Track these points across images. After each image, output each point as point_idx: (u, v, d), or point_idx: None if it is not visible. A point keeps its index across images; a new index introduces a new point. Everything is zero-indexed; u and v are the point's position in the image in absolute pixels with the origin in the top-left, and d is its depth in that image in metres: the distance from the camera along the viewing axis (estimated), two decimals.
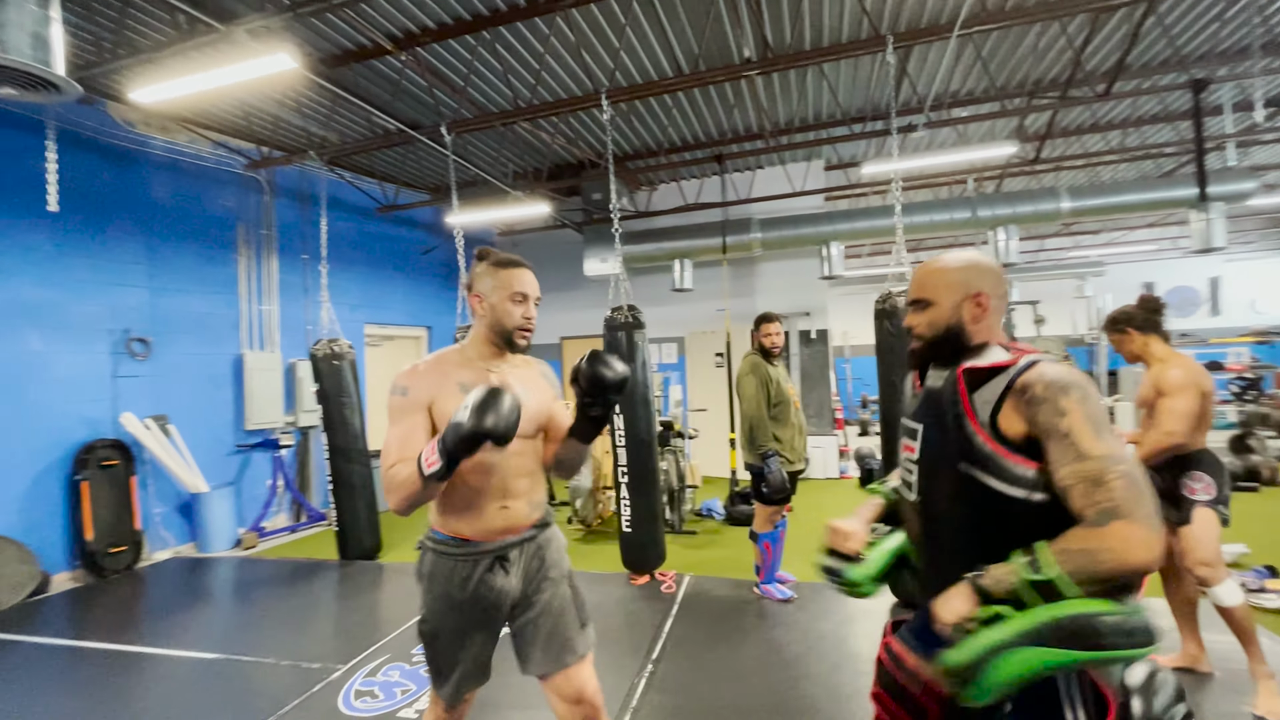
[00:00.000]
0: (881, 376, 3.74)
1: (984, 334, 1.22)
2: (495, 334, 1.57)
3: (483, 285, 1.56)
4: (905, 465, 1.32)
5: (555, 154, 7.11)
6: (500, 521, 1.57)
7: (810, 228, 7.11)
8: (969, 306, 1.22)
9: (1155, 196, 6.34)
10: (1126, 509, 0.94)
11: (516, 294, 1.55)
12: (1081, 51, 4.81)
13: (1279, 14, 4.83)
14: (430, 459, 1.33)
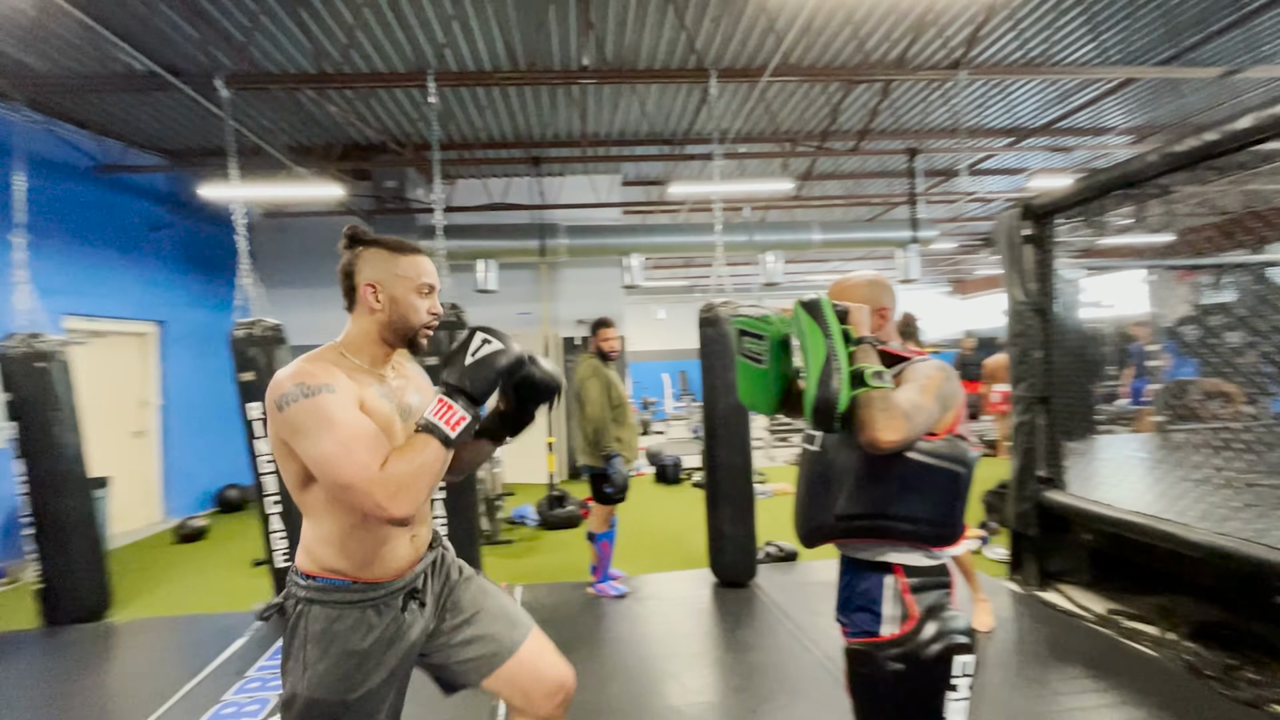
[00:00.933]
0: (705, 380, 4.10)
1: (884, 338, 1.49)
2: (393, 331, 1.32)
3: (377, 273, 1.29)
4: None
5: (342, 131, 6.33)
6: (411, 552, 1.37)
7: (614, 238, 7.46)
8: (874, 318, 1.47)
9: (880, 235, 8.04)
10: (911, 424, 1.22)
11: (424, 285, 1.33)
12: (836, 113, 5.90)
13: (964, 105, 6.51)
14: (453, 415, 1.17)
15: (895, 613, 1.33)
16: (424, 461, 1.15)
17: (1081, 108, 6.58)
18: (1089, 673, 2.78)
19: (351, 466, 1.12)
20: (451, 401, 1.18)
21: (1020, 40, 5.02)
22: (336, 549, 1.27)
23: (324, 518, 1.26)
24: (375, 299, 1.29)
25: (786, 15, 4.24)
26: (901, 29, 4.73)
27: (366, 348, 1.32)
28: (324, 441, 1.13)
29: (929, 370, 1.35)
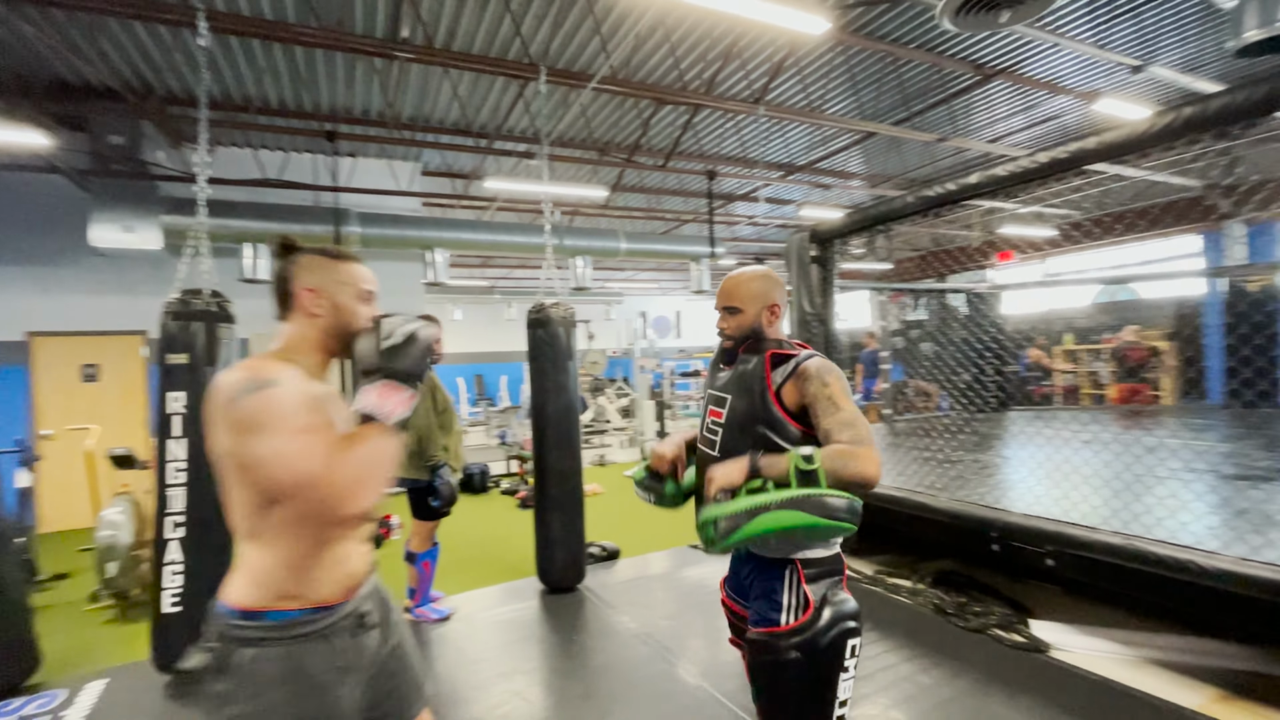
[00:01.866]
0: (534, 380, 4.00)
1: (775, 333, 1.56)
2: (335, 337, 1.30)
3: (317, 278, 1.28)
4: (710, 427, 1.58)
5: (45, 65, 4.87)
6: (362, 569, 1.29)
7: (416, 230, 6.89)
8: (766, 314, 1.55)
9: (682, 249, 8.64)
10: (869, 441, 1.30)
11: (365, 291, 1.33)
12: (647, 127, 6.23)
13: (752, 138, 7.32)
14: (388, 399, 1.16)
15: (794, 602, 1.40)
16: (377, 450, 1.13)
17: (836, 152, 7.88)
18: (866, 623, 3.31)
19: (310, 458, 1.08)
20: (385, 386, 1.17)
21: (804, 88, 5.85)
22: (297, 574, 1.17)
23: (285, 541, 1.16)
24: (316, 304, 1.28)
25: (610, 24, 4.34)
26: (713, 54, 5.17)
27: (306, 355, 1.28)
28: (279, 436, 1.08)
29: (824, 376, 1.41)
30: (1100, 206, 10.21)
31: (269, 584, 1.16)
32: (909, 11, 4.85)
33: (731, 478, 1.33)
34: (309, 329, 1.28)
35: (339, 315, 1.29)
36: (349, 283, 1.30)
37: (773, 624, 1.40)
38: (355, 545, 1.28)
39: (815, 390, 1.39)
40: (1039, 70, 5.96)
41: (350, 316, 1.30)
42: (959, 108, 6.63)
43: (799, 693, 1.38)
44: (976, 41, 5.46)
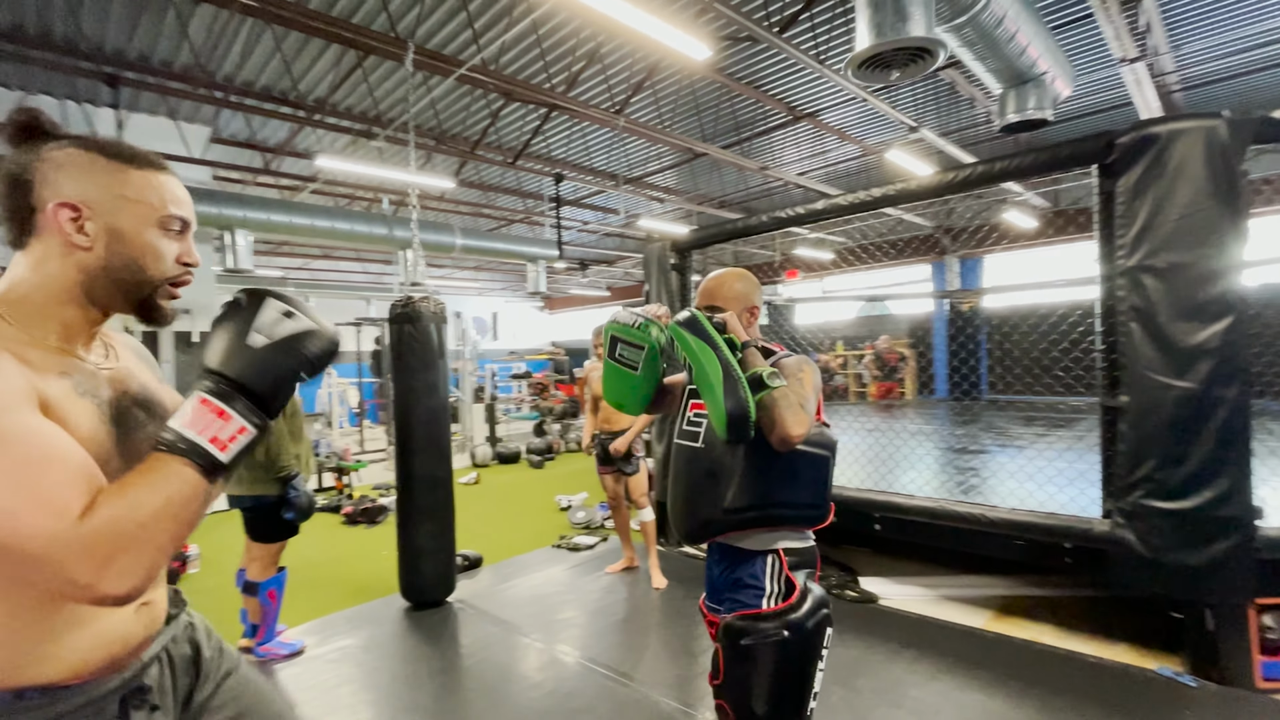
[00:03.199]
0: (398, 380, 3.69)
1: (753, 334, 1.57)
2: (112, 285, 0.85)
3: (87, 190, 0.82)
4: (694, 420, 1.57)
5: None
6: (138, 628, 0.89)
7: (214, 206, 5.83)
8: (745, 315, 1.55)
9: (522, 249, 8.48)
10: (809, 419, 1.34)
11: (172, 217, 0.87)
12: (496, 119, 6.07)
13: (596, 143, 7.50)
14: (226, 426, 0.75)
15: (777, 588, 1.41)
16: (166, 500, 0.72)
17: (668, 168, 8.45)
18: None
19: (30, 519, 0.66)
20: (222, 404, 0.77)
21: (657, 106, 6.20)
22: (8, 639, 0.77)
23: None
24: (80, 230, 0.82)
25: (491, 15, 4.19)
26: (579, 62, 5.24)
27: (50, 311, 0.83)
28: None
29: (800, 365, 1.46)
30: (865, 236, 12.36)
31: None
32: (745, 51, 5.45)
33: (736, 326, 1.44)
34: (62, 268, 0.83)
35: (121, 250, 0.84)
36: (144, 201, 0.85)
37: (754, 608, 1.39)
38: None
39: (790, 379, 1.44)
40: (836, 119, 7.09)
41: (143, 253, 0.85)
42: (776, 141, 7.58)
43: (779, 677, 1.36)
44: (792, 87, 6.31)
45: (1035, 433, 6.69)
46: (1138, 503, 2.66)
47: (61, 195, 0.81)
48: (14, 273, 0.83)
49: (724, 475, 1.45)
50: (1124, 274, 2.70)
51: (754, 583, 1.43)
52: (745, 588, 1.43)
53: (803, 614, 1.38)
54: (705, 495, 1.48)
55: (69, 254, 0.82)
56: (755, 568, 1.44)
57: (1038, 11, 3.56)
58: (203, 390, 0.77)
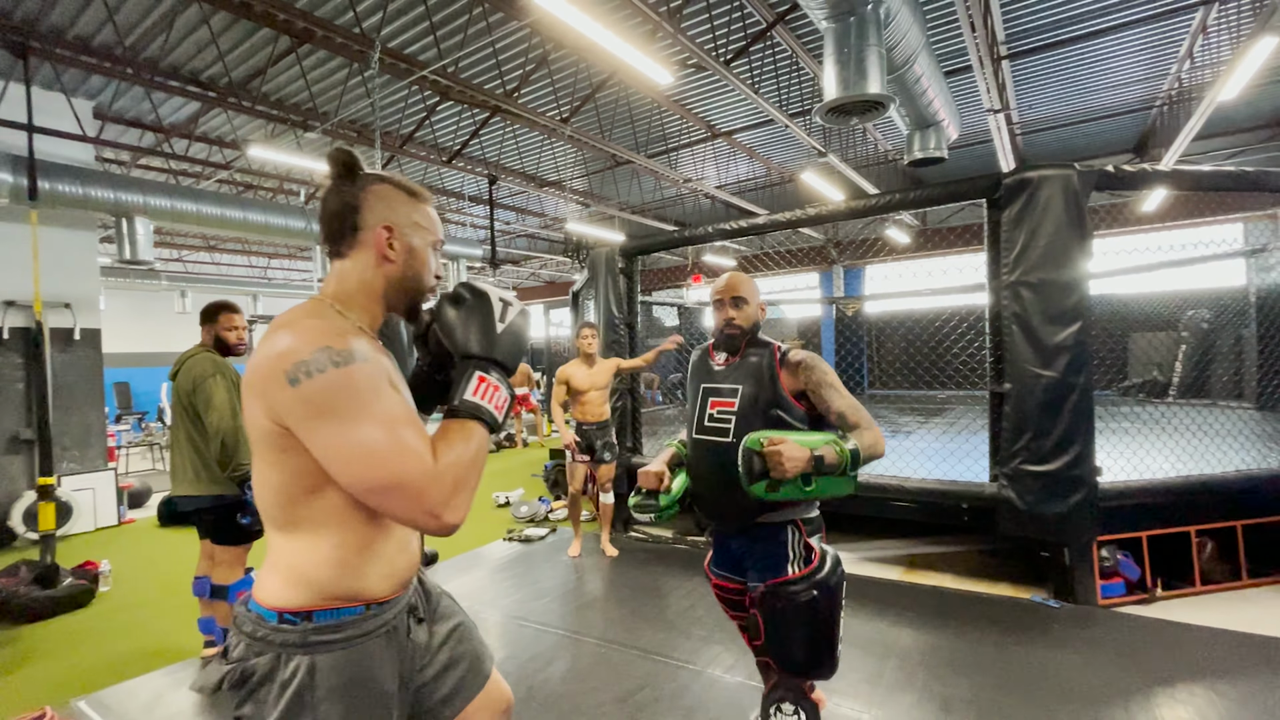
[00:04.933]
0: None
1: (757, 330, 1.83)
2: (403, 291, 1.07)
3: (396, 216, 1.05)
4: (718, 417, 1.76)
5: None
6: (410, 559, 1.11)
7: (109, 191, 5.31)
8: (759, 312, 1.82)
9: (451, 249, 8.34)
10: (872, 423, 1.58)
11: (439, 240, 1.13)
12: (431, 113, 6.05)
13: (529, 148, 7.59)
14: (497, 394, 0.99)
15: (799, 553, 1.63)
16: (475, 452, 0.94)
17: (593, 173, 8.74)
18: (682, 569, 4.06)
19: (403, 459, 0.88)
20: (489, 376, 0.99)
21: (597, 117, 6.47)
22: (350, 567, 0.98)
23: (333, 531, 0.97)
24: (393, 250, 1.04)
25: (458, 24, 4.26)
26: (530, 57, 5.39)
27: (367, 308, 1.05)
28: (364, 427, 0.87)
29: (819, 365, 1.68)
30: (765, 245, 13.35)
31: (316, 579, 0.97)
32: (686, 68, 5.89)
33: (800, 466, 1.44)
34: (375, 276, 1.05)
35: (413, 265, 1.07)
36: (427, 228, 1.09)
37: (782, 574, 1.61)
38: (405, 533, 1.09)
39: (819, 378, 1.67)
40: (749, 139, 7.75)
41: (424, 269, 1.09)
42: (696, 155, 8.13)
43: (814, 627, 1.60)
44: (715, 107, 6.86)
45: (914, 421, 7.74)
46: (1017, 468, 3.37)
47: (382, 219, 1.04)
48: (341, 277, 1.05)
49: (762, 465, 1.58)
50: (1008, 287, 3.40)
51: (778, 553, 1.63)
52: (771, 556, 1.64)
53: (825, 573, 1.61)
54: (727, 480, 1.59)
55: (380, 265, 1.05)
56: (779, 539, 1.64)
57: (938, 63, 4.30)
58: (479, 369, 0.99)
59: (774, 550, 1.64)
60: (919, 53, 3.53)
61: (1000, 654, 2.82)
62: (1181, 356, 7.83)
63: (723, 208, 10.04)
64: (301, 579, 0.97)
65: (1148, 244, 6.03)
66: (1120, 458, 3.62)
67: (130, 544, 5.27)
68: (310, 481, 0.93)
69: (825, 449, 1.46)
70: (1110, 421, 5.68)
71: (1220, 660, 2.69)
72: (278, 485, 0.95)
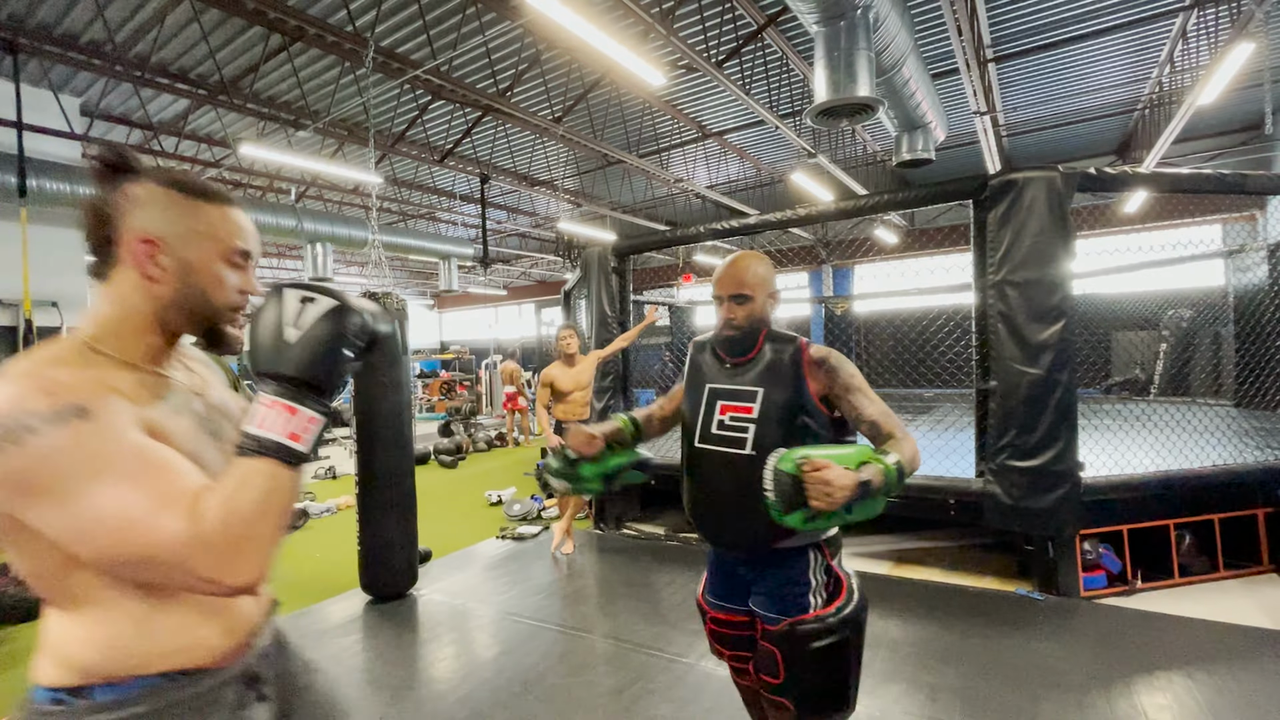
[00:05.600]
0: (362, 376, 3.71)
1: (770, 321, 1.51)
2: (182, 314, 0.88)
3: (163, 225, 0.85)
4: (731, 424, 1.47)
5: None
6: (256, 616, 0.95)
7: (95, 188, 5.26)
8: (770, 301, 1.50)
9: (434, 246, 8.35)
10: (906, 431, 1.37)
11: (237, 250, 0.91)
12: (424, 112, 6.05)
13: (520, 147, 7.60)
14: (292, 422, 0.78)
15: (823, 581, 1.42)
16: (264, 494, 0.76)
17: (584, 173, 8.77)
18: (675, 564, 4.11)
19: (149, 528, 0.72)
20: (284, 399, 0.79)
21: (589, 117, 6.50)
22: (137, 632, 0.82)
23: (108, 603, 0.80)
24: (155, 264, 0.85)
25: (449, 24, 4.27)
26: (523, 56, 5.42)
27: (133, 336, 0.86)
28: (100, 496, 0.71)
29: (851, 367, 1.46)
30: (755, 245, 13.44)
31: (96, 649, 0.81)
32: (677, 69, 5.94)
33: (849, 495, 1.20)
34: (141, 299, 0.86)
35: (192, 281, 0.87)
36: (213, 235, 0.88)
37: (804, 609, 1.37)
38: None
39: (846, 381, 1.43)
40: (740, 139, 7.82)
41: (210, 284, 0.88)
42: (687, 155, 8.19)
43: (843, 669, 1.39)
44: (706, 108, 6.92)
45: (902, 418, 7.83)
46: (1003, 463, 3.44)
47: (143, 229, 0.83)
48: (100, 305, 0.87)
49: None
50: (993, 286, 3.48)
51: (800, 579, 1.40)
52: (790, 585, 1.40)
53: (854, 607, 1.41)
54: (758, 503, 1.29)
55: (147, 287, 0.85)
56: (799, 565, 1.42)
57: (926, 66, 4.39)
58: (268, 393, 0.79)
59: (793, 578, 1.41)
60: (907, 56, 3.61)
61: (986, 645, 2.89)
62: (1162, 355, 7.99)
63: (713, 207, 10.11)
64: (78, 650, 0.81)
65: (1129, 244, 6.16)
66: (1102, 453, 3.71)
67: None
68: (58, 558, 0.76)
69: (870, 471, 1.22)
70: (1093, 418, 5.80)
71: (1198, 649, 2.78)
72: (32, 562, 0.79)
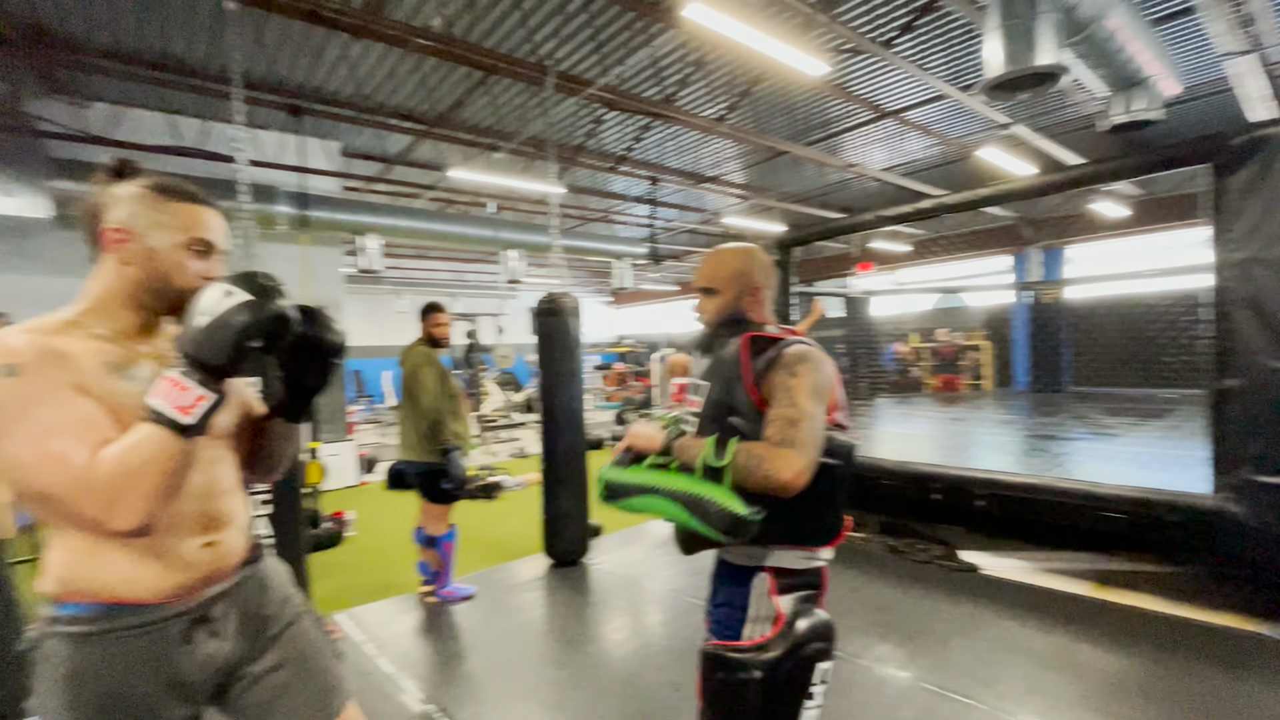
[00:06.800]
0: (544, 367, 4.21)
1: (759, 318, 1.38)
2: (152, 294, 1.05)
3: (135, 219, 1.03)
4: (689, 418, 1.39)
5: None
6: (204, 566, 1.08)
7: (349, 214, 6.56)
8: (747, 297, 1.37)
9: (607, 247, 9.01)
10: (797, 444, 1.14)
11: (196, 240, 1.06)
12: (599, 122, 6.56)
13: (688, 148, 7.89)
14: (182, 396, 0.91)
15: (760, 614, 1.25)
16: (148, 456, 0.90)
17: (751, 165, 8.78)
18: (843, 560, 4.01)
19: (47, 470, 0.89)
20: (182, 378, 0.92)
21: (754, 111, 6.58)
22: (86, 562, 0.98)
23: (64, 535, 0.99)
24: (129, 250, 1.02)
25: (622, 39, 4.62)
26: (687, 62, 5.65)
27: (112, 312, 1.04)
28: (14, 439, 0.89)
29: (795, 366, 1.23)
30: (943, 227, 12.30)
31: (60, 573, 0.99)
32: (842, 53, 5.73)
33: (646, 443, 1.27)
34: (116, 279, 1.04)
35: (153, 267, 1.03)
36: (172, 226, 1.03)
37: (732, 636, 1.25)
38: (193, 539, 1.06)
39: (780, 379, 1.23)
40: (921, 116, 7.24)
41: (170, 270, 1.04)
42: (860, 137, 7.81)
43: (742, 712, 1.22)
44: (880, 87, 6.53)
45: (1127, 423, 6.70)
46: (1248, 478, 2.87)
47: (116, 221, 1.02)
48: (87, 284, 1.06)
49: None
50: (1235, 265, 2.90)
51: (737, 603, 1.27)
52: (727, 606, 1.29)
53: (779, 654, 1.21)
54: None
55: (120, 269, 1.03)
56: (741, 587, 1.28)
57: (1140, 13, 3.73)
58: (170, 369, 0.94)
59: (733, 600, 1.28)
60: (1113, 3, 3.08)
61: (1205, 687, 2.47)
62: None
63: (894, 190, 9.46)
64: (52, 571, 0.99)
65: None
66: None
67: (366, 501, 6.48)
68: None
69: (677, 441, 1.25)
70: None
71: None
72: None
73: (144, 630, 1.01)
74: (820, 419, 1.20)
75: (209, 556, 1.08)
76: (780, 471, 1.11)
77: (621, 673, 2.81)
